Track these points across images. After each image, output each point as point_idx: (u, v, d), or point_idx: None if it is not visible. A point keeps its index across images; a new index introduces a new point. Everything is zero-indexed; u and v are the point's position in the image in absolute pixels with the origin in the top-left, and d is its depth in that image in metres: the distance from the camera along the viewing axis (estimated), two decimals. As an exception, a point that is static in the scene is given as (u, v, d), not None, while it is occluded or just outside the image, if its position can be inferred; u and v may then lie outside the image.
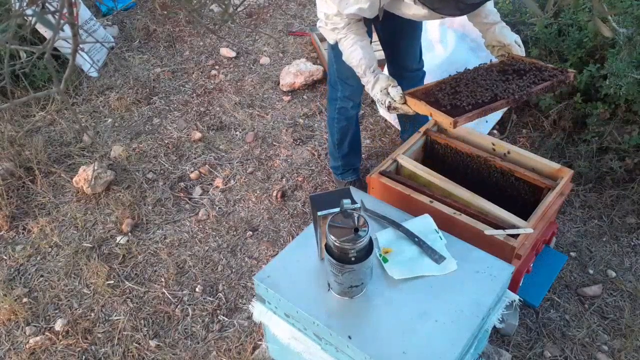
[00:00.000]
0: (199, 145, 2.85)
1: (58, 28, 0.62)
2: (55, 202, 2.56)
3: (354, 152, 2.50)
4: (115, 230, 2.42)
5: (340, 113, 2.33)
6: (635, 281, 2.14)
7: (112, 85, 3.28)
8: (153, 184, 2.64)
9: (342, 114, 2.34)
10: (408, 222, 1.64)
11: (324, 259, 1.44)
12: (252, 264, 2.27)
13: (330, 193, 1.57)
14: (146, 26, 3.78)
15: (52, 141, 2.88)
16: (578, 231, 2.34)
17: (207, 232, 2.41)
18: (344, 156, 2.48)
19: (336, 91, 2.27)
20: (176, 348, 1.98)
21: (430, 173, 1.93)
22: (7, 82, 0.75)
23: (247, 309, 2.08)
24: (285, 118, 3.02)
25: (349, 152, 2.47)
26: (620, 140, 2.38)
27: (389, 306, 1.44)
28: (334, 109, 2.34)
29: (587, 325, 2.00)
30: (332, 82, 2.29)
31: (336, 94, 2.28)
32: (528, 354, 1.93)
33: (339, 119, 2.35)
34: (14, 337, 2.04)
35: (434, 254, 1.54)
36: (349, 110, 2.31)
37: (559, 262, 2.12)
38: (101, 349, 1.99)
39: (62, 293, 2.18)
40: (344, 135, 2.41)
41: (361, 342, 1.35)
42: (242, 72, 3.39)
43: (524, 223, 1.71)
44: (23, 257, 2.32)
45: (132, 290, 2.18)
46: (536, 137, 2.72)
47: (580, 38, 2.56)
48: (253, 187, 2.62)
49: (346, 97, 2.26)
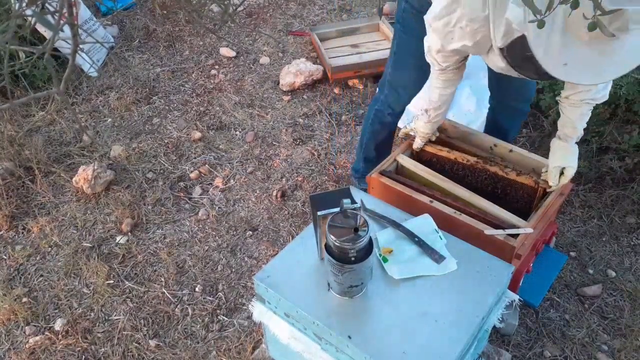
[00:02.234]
0: (199, 145, 2.85)
1: (58, 28, 0.62)
2: (55, 202, 2.56)
3: (378, 161, 2.27)
4: (115, 230, 2.42)
5: (376, 115, 2.24)
6: (635, 281, 2.14)
7: (112, 85, 3.28)
8: (153, 183, 2.64)
9: (377, 117, 2.24)
10: (408, 222, 1.64)
11: (324, 259, 1.44)
12: (252, 264, 2.27)
13: (330, 193, 1.57)
14: (146, 26, 3.78)
15: (52, 141, 2.88)
16: (578, 231, 2.34)
17: (207, 231, 2.41)
18: (366, 160, 2.36)
19: (382, 93, 2.19)
20: (176, 348, 1.98)
21: (430, 173, 1.93)
22: (6, 82, 0.75)
23: (247, 309, 2.08)
24: (285, 118, 3.02)
25: (373, 158, 2.34)
26: (620, 140, 2.38)
27: (389, 306, 1.44)
28: (372, 109, 2.25)
29: (587, 325, 2.00)
30: (381, 83, 2.20)
31: (380, 96, 2.20)
32: (528, 353, 1.93)
33: (373, 121, 2.26)
34: (13, 336, 2.04)
35: (434, 253, 1.54)
36: (385, 116, 2.22)
37: (559, 262, 2.12)
38: (101, 349, 1.99)
39: (61, 293, 2.18)
40: (373, 139, 2.30)
41: (361, 342, 1.35)
42: (242, 72, 3.38)
43: (524, 223, 1.71)
44: (23, 256, 2.32)
45: (131, 290, 2.18)
46: (536, 137, 2.72)
47: (580, 38, 2.55)
48: (253, 186, 2.62)
49: (388, 104, 2.17)
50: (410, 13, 1.91)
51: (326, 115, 3.01)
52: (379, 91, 2.23)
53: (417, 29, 1.82)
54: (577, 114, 1.69)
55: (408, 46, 1.98)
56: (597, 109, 2.46)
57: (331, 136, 2.88)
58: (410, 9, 1.90)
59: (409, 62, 2.01)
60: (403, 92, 2.11)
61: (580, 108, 1.67)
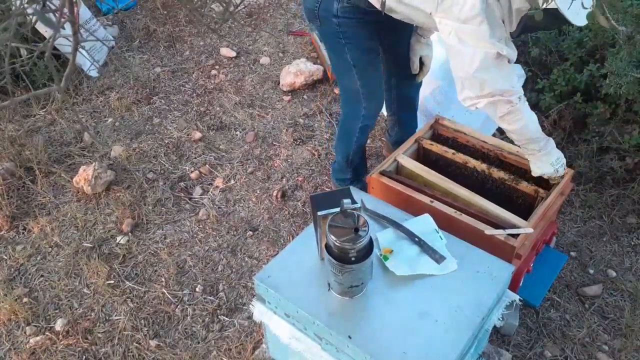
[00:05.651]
0: (199, 145, 2.85)
1: (59, 26, 0.62)
2: (55, 202, 2.56)
3: (362, 164, 2.41)
4: (115, 230, 2.42)
5: (362, 132, 2.20)
6: (636, 281, 2.14)
7: (112, 85, 3.28)
8: (153, 183, 2.64)
9: (363, 132, 2.21)
10: (408, 222, 1.64)
11: (324, 259, 1.44)
12: (253, 264, 2.27)
13: (330, 193, 1.58)
14: (146, 26, 3.78)
15: (53, 141, 2.88)
16: (578, 231, 2.34)
17: (207, 232, 2.41)
18: (355, 168, 2.37)
19: (358, 109, 2.12)
20: (176, 348, 1.98)
21: (430, 173, 1.93)
22: (7, 81, 0.75)
23: (247, 309, 2.08)
24: (285, 118, 3.02)
25: (358, 163, 2.37)
26: (621, 140, 2.38)
27: (389, 306, 1.44)
28: (355, 128, 2.18)
29: (588, 325, 2.00)
30: (351, 100, 2.14)
31: (358, 112, 2.13)
32: (528, 353, 1.93)
33: (359, 137, 2.22)
34: (14, 337, 2.04)
35: (434, 253, 1.54)
36: (370, 125, 2.21)
37: (559, 262, 2.12)
38: (101, 349, 1.99)
39: (62, 293, 2.18)
40: (358, 150, 2.30)
41: (361, 342, 1.35)
42: (242, 72, 3.38)
43: (524, 223, 1.72)
44: (23, 257, 2.32)
45: (132, 290, 2.18)
46: (536, 137, 2.72)
47: (581, 37, 2.56)
48: (253, 187, 2.62)
49: (371, 114, 2.15)
50: (347, 24, 1.93)
51: (326, 116, 3.01)
52: (351, 109, 2.18)
53: (357, 33, 1.95)
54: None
55: (360, 51, 2.01)
56: (597, 108, 2.46)
57: (331, 136, 2.88)
58: (345, 20, 1.92)
59: (368, 67, 2.05)
60: (379, 94, 2.13)
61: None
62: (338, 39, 1.98)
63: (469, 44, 1.59)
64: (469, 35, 1.58)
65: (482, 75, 1.62)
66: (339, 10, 1.89)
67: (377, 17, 1.87)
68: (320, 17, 1.95)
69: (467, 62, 1.61)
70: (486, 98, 1.66)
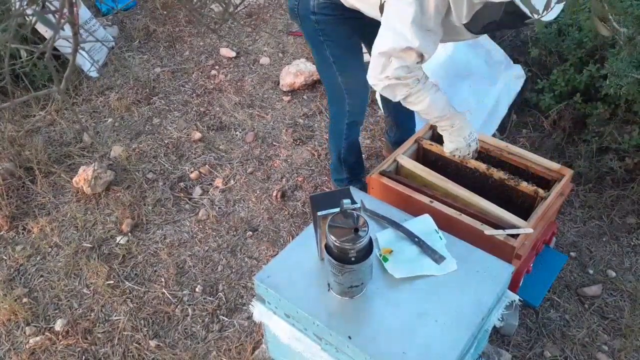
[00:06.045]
0: (199, 145, 2.85)
1: (58, 27, 0.62)
2: (55, 202, 2.56)
3: (358, 162, 2.41)
4: (115, 230, 2.42)
5: (350, 129, 2.21)
6: (635, 281, 2.14)
7: (112, 85, 3.28)
8: (153, 184, 2.64)
9: (351, 129, 2.22)
10: (408, 222, 1.64)
11: (324, 259, 1.44)
12: (252, 264, 2.27)
13: (330, 193, 1.58)
14: (146, 26, 3.78)
15: (52, 141, 2.88)
16: (578, 231, 2.34)
17: (207, 232, 2.41)
18: (350, 167, 2.38)
19: (342, 106, 2.13)
20: (176, 348, 1.98)
21: (430, 173, 1.93)
22: (7, 82, 0.75)
23: (247, 309, 2.08)
24: (285, 118, 3.02)
25: (354, 163, 2.37)
26: (620, 140, 2.38)
27: (389, 306, 1.44)
28: (342, 126, 2.20)
29: (587, 325, 2.00)
30: (335, 98, 2.14)
31: (343, 109, 2.14)
32: (528, 354, 1.93)
33: (348, 135, 2.23)
34: (14, 337, 2.04)
35: (434, 254, 1.54)
36: (358, 122, 2.21)
37: (559, 262, 2.12)
38: (101, 349, 1.99)
39: (62, 293, 2.18)
40: (350, 148, 2.30)
41: (361, 342, 1.35)
42: (242, 72, 3.39)
43: (524, 223, 1.71)
44: (23, 257, 2.32)
45: (132, 290, 2.18)
46: (536, 137, 2.72)
47: (580, 38, 2.56)
48: (253, 187, 2.62)
49: (356, 110, 2.15)
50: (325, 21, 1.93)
51: (326, 116, 3.01)
52: (337, 107, 2.18)
53: (336, 30, 1.94)
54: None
55: (340, 48, 2.01)
56: (597, 109, 2.46)
57: (331, 136, 2.88)
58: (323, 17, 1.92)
59: (348, 63, 2.05)
60: (363, 90, 2.11)
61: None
62: (317, 36, 1.98)
63: (389, 23, 1.60)
64: (394, 10, 1.58)
65: (384, 61, 1.64)
66: (316, 7, 1.90)
67: (357, 14, 1.86)
68: (300, 15, 1.96)
69: (380, 41, 1.63)
70: (383, 82, 1.69)
